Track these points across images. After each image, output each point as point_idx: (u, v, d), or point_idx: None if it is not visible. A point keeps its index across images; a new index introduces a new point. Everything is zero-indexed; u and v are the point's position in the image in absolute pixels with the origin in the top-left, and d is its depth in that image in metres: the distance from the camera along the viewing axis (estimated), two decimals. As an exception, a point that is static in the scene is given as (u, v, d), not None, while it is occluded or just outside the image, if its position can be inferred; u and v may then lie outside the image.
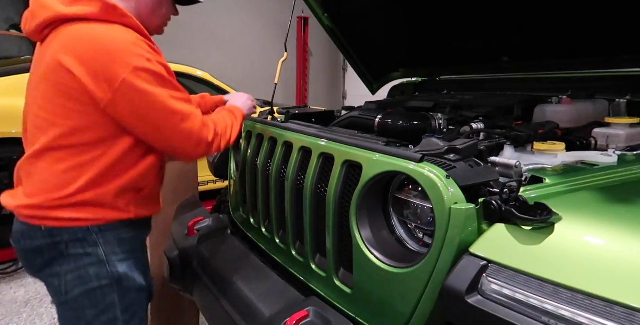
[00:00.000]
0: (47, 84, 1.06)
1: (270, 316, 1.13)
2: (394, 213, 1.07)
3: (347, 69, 7.84)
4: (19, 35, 4.83)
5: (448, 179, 0.84)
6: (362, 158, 1.03)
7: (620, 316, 0.59)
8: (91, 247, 1.11)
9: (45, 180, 1.09)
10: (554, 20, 1.70)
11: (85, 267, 1.11)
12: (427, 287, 0.86)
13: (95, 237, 1.12)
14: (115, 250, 1.14)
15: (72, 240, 1.10)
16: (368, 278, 1.01)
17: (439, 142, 1.00)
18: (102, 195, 1.11)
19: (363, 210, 1.04)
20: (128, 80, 1.01)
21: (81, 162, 1.08)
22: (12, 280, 2.82)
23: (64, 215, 1.08)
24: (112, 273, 1.13)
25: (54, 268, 1.12)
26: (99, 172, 1.09)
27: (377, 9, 2.19)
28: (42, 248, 1.11)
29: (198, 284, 1.50)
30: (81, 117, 1.05)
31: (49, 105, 1.07)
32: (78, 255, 1.11)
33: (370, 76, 2.55)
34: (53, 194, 1.08)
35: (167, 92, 1.08)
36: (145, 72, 1.03)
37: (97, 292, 1.13)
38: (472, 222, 0.81)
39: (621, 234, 0.70)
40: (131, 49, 1.03)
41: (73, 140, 1.07)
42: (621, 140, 1.26)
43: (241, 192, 1.69)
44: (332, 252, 1.13)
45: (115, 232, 1.15)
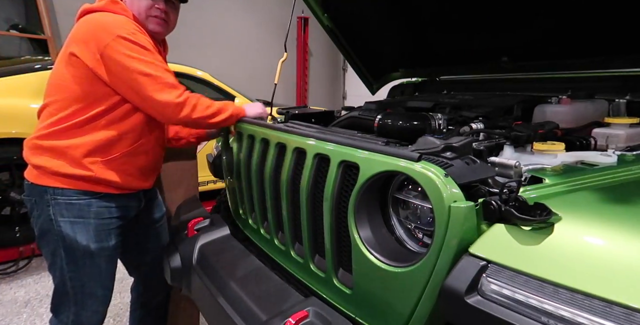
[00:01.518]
0: (60, 58, 1.40)
1: (270, 316, 1.13)
2: (394, 213, 1.07)
3: (347, 69, 7.84)
4: (19, 35, 4.83)
5: (446, 177, 0.83)
6: (358, 158, 1.02)
7: (620, 316, 0.59)
8: (46, 206, 1.40)
9: (38, 128, 1.41)
10: (553, 21, 1.70)
11: (42, 222, 1.42)
12: (427, 287, 0.85)
13: (49, 198, 1.39)
14: (62, 212, 1.40)
15: (37, 197, 1.41)
16: (367, 278, 1.01)
17: (435, 140, 1.00)
18: (70, 146, 1.36)
19: (361, 211, 1.03)
20: (111, 45, 1.29)
21: (63, 115, 1.36)
22: (12, 280, 2.82)
23: (35, 161, 1.38)
24: (58, 231, 1.41)
25: (32, 217, 1.46)
26: (72, 125, 1.36)
27: (377, 9, 2.19)
28: (26, 198, 1.46)
29: (198, 284, 1.50)
30: (73, 78, 1.35)
31: (56, 72, 1.40)
32: (40, 210, 1.41)
33: (370, 76, 2.55)
34: (36, 135, 1.39)
35: (145, 59, 1.32)
36: (127, 40, 1.30)
37: (51, 243, 1.43)
38: (471, 220, 0.81)
39: (621, 234, 0.69)
40: (119, 24, 1.32)
41: (62, 95, 1.37)
42: (621, 140, 1.26)
43: (238, 193, 1.68)
44: (330, 253, 1.13)
45: (67, 197, 1.39)
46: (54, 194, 1.39)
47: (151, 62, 1.34)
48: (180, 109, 1.37)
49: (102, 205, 1.45)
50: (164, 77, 1.35)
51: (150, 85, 1.33)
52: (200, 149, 2.51)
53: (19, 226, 2.98)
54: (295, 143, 1.26)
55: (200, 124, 1.45)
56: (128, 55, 1.30)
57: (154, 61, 1.35)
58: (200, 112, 1.41)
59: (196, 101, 1.40)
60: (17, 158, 2.85)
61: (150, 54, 1.35)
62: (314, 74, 7.67)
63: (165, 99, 1.35)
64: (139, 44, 1.32)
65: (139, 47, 1.32)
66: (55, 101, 1.39)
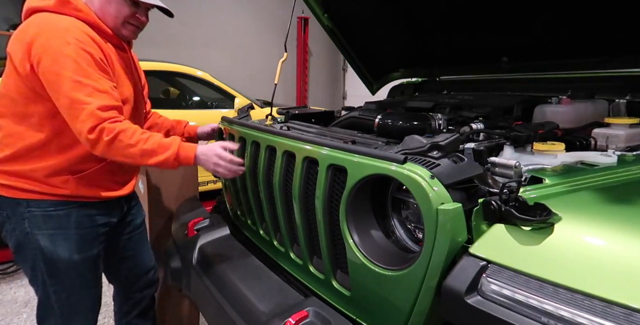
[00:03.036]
0: (7, 63, 1.26)
1: (270, 316, 1.13)
2: (394, 214, 1.07)
3: (347, 69, 7.83)
4: (19, 35, 4.83)
5: (432, 179, 0.83)
6: (345, 161, 1.01)
7: (620, 316, 0.59)
8: (20, 219, 1.29)
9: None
10: (553, 21, 1.70)
11: (17, 236, 1.32)
12: (422, 288, 0.86)
13: (23, 211, 1.29)
14: (39, 225, 1.30)
15: (8, 210, 1.30)
16: (364, 281, 1.01)
17: (422, 139, 0.99)
18: (31, 170, 1.27)
19: (353, 215, 1.02)
20: (43, 58, 1.16)
21: (14, 132, 1.26)
22: (12, 280, 2.82)
23: (3, 182, 1.27)
24: (35, 245, 1.31)
25: (3, 231, 1.35)
26: (28, 146, 1.26)
27: (377, 9, 2.19)
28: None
29: (198, 284, 1.50)
30: (17, 90, 1.23)
31: (4, 77, 1.26)
32: (14, 223, 1.31)
33: (370, 76, 2.55)
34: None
35: (73, 77, 1.17)
36: (61, 55, 1.16)
37: (28, 258, 1.34)
38: (460, 221, 0.81)
39: (621, 235, 0.69)
40: (58, 33, 1.18)
41: (11, 110, 1.25)
42: (621, 141, 1.26)
43: (234, 195, 1.68)
44: (327, 256, 1.13)
45: (42, 209, 1.29)
46: (29, 205, 1.28)
47: (80, 82, 1.17)
48: (93, 144, 1.19)
49: (83, 214, 1.35)
50: (92, 104, 1.17)
51: (75, 107, 1.17)
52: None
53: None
54: (284, 146, 1.24)
55: (128, 161, 1.25)
56: (58, 73, 1.16)
57: (85, 80, 1.18)
58: (122, 150, 1.20)
59: (116, 135, 1.18)
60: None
61: (83, 70, 1.19)
62: (314, 74, 7.67)
63: (78, 128, 1.18)
64: (72, 59, 1.17)
65: (72, 62, 1.17)
66: (3, 115, 1.27)
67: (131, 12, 1.33)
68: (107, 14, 1.31)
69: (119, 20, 1.32)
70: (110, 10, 1.30)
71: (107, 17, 1.31)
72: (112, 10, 1.30)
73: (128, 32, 1.37)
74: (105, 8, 1.30)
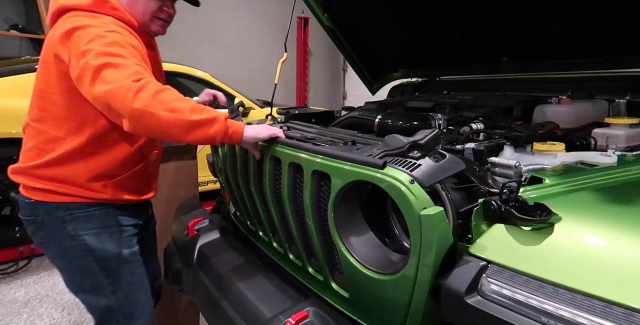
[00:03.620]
0: (42, 64, 1.22)
1: (270, 316, 1.13)
2: (393, 213, 1.07)
3: (347, 69, 7.84)
4: (19, 35, 4.83)
5: (412, 183, 0.82)
6: (328, 167, 0.99)
7: (620, 316, 0.59)
8: (61, 223, 1.25)
9: (29, 148, 1.27)
10: (553, 21, 1.70)
11: (60, 240, 1.27)
12: (414, 290, 0.86)
13: (64, 214, 1.24)
14: (84, 225, 1.27)
15: (46, 215, 1.25)
16: (359, 284, 1.01)
17: (402, 138, 0.97)
18: (72, 175, 1.23)
19: (342, 220, 1.01)
20: (79, 30, 1.11)
21: (54, 137, 1.22)
22: (12, 280, 2.82)
23: (39, 185, 1.23)
24: (83, 245, 1.27)
25: (38, 238, 1.30)
26: (68, 151, 1.22)
27: (377, 9, 2.19)
28: (27, 219, 1.28)
29: (198, 284, 1.50)
30: (61, 90, 1.18)
31: (41, 78, 1.22)
32: (52, 229, 1.26)
33: (370, 76, 2.55)
34: (31, 161, 1.25)
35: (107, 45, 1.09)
36: (101, 36, 1.10)
37: (77, 261, 1.29)
38: (443, 223, 0.81)
39: (621, 235, 0.69)
40: (99, 27, 1.13)
41: (52, 113, 1.21)
42: (621, 141, 1.26)
43: (231, 196, 1.68)
44: (323, 259, 1.12)
45: (84, 210, 1.27)
46: (69, 208, 1.25)
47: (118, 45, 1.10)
48: (137, 91, 1.01)
49: (119, 213, 1.35)
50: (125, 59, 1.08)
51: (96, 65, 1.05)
52: (200, 149, 2.51)
53: (19, 226, 2.97)
54: (271, 151, 1.23)
55: (164, 128, 1.04)
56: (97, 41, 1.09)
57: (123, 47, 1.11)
58: (170, 102, 1.03)
59: (164, 88, 1.05)
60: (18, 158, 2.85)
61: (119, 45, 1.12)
62: (314, 74, 7.67)
63: (119, 76, 1.04)
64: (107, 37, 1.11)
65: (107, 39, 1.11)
66: (42, 119, 1.23)
67: (158, 6, 1.30)
68: (135, 11, 1.28)
69: (147, 16, 1.29)
70: (138, 6, 1.27)
71: (136, 14, 1.28)
72: (139, 6, 1.27)
73: (157, 27, 1.34)
74: (132, 5, 1.27)
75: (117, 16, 1.23)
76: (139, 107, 1.00)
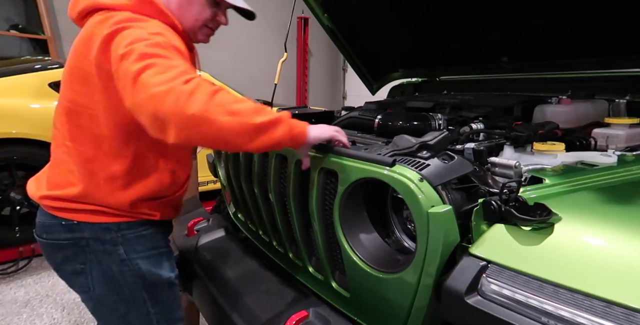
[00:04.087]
0: (75, 73, 1.05)
1: (270, 316, 1.13)
2: (394, 213, 1.07)
3: (347, 69, 7.83)
4: (19, 35, 4.83)
5: (422, 181, 0.83)
6: (336, 165, 1.00)
7: (620, 316, 0.59)
8: (112, 245, 1.10)
9: (64, 171, 1.09)
10: (553, 21, 1.70)
11: (108, 265, 1.11)
12: (418, 289, 0.86)
13: (115, 235, 1.10)
14: (136, 248, 1.13)
15: (92, 237, 1.09)
16: (361, 283, 1.01)
17: (411, 138, 0.98)
18: (117, 201, 1.09)
19: (347, 219, 1.01)
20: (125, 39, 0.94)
21: (91, 158, 1.07)
22: (12, 280, 2.82)
23: (81, 207, 1.07)
24: (135, 270, 1.13)
25: (75, 264, 1.12)
26: (110, 175, 1.07)
27: (377, 9, 2.19)
28: (63, 243, 1.10)
29: (198, 284, 1.50)
30: (105, 110, 1.03)
31: (77, 90, 1.04)
32: (99, 252, 1.10)
33: (370, 76, 2.55)
34: (77, 186, 1.07)
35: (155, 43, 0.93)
36: (145, 35, 0.94)
37: (125, 289, 1.13)
38: (451, 222, 0.81)
39: (621, 234, 0.69)
40: (144, 28, 0.98)
41: (89, 131, 1.06)
42: (621, 141, 1.26)
43: (233, 196, 1.68)
44: (325, 259, 1.12)
45: (134, 230, 1.13)
46: (120, 229, 1.11)
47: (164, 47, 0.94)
48: (190, 94, 0.84)
49: (163, 231, 1.25)
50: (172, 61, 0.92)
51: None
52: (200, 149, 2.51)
53: (19, 226, 2.97)
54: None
55: (225, 136, 0.87)
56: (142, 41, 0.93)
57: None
58: (228, 104, 0.87)
59: (219, 89, 0.89)
60: (17, 158, 2.85)
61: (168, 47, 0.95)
62: (314, 74, 7.66)
63: (166, 77, 0.86)
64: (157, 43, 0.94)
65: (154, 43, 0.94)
66: (78, 138, 1.07)
67: (212, 14, 1.18)
68: (186, 17, 1.14)
69: (198, 23, 1.16)
70: (191, 12, 1.14)
71: (186, 21, 1.15)
72: (193, 12, 1.14)
73: (203, 36, 1.22)
74: (184, 10, 1.13)
75: (163, 19, 1.07)
76: (196, 112, 0.83)
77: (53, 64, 3.19)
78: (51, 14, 4.78)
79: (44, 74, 3.04)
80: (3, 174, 2.92)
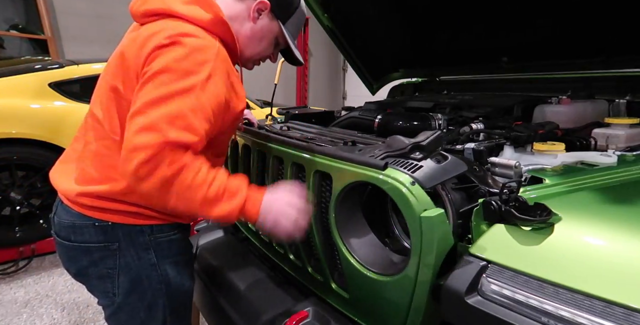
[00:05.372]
0: (123, 68, 0.99)
1: (270, 317, 1.13)
2: (393, 213, 1.07)
3: (347, 69, 7.84)
4: (19, 35, 4.83)
5: (414, 185, 0.82)
6: (330, 168, 1.00)
7: (620, 317, 0.59)
8: (143, 249, 1.08)
9: (113, 166, 1.01)
10: (553, 21, 1.70)
11: (137, 270, 1.08)
12: (415, 292, 0.86)
13: (148, 239, 1.08)
14: (165, 253, 1.11)
15: (125, 240, 1.06)
16: (359, 285, 1.01)
17: (404, 139, 0.97)
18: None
19: (343, 221, 1.01)
20: (165, 48, 0.92)
21: None
22: (12, 280, 2.82)
23: (120, 208, 1.03)
24: (162, 277, 1.11)
25: (101, 268, 1.07)
26: None
27: (377, 9, 2.19)
28: (92, 246, 1.05)
29: (198, 284, 1.50)
30: None
31: (125, 84, 0.99)
32: (130, 256, 1.07)
33: (370, 76, 2.55)
34: (120, 182, 1.00)
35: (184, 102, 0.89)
36: (187, 73, 0.91)
37: (149, 295, 1.10)
38: (443, 225, 0.81)
39: (621, 235, 0.69)
40: (200, 59, 0.93)
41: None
42: (621, 141, 1.26)
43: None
44: (324, 260, 1.12)
45: (166, 234, 1.11)
46: (153, 232, 1.08)
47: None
48: (135, 177, 0.87)
49: (187, 236, 1.22)
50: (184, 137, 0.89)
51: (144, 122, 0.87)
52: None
53: (19, 226, 2.98)
54: (274, 151, 1.24)
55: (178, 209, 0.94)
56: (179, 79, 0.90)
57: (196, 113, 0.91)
58: (181, 192, 0.90)
59: (180, 169, 0.88)
60: (17, 158, 2.85)
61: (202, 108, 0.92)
62: (314, 74, 7.67)
63: (133, 143, 0.86)
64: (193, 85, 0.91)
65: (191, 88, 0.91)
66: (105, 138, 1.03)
67: (270, 53, 1.20)
68: (250, 49, 1.14)
69: (257, 57, 1.18)
70: (258, 48, 1.15)
71: (249, 52, 1.15)
72: (259, 48, 1.15)
73: (251, 65, 1.23)
74: (253, 43, 1.13)
75: (227, 40, 1.05)
76: (142, 191, 0.89)
77: (53, 64, 3.19)
78: (51, 14, 4.78)
79: (44, 74, 3.04)
80: (3, 174, 2.92)
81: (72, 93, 3.08)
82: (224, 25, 1.03)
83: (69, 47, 4.94)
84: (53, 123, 2.91)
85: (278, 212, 1.00)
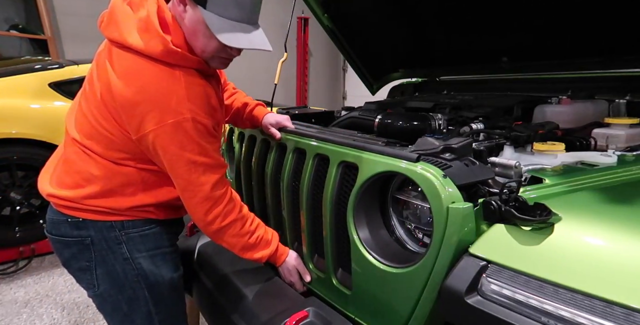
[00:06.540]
0: (101, 94, 1.07)
1: (270, 316, 1.13)
2: (394, 213, 1.07)
3: (347, 69, 7.83)
4: (19, 35, 4.83)
5: (445, 178, 0.84)
6: (358, 158, 1.02)
7: (620, 316, 0.59)
8: (115, 244, 1.13)
9: (81, 171, 1.11)
10: (553, 21, 1.70)
11: (111, 263, 1.14)
12: (426, 287, 0.86)
13: (118, 234, 1.13)
14: (138, 247, 1.16)
15: (97, 235, 1.12)
16: (366, 279, 1.01)
17: (435, 141, 1.00)
18: (128, 202, 1.13)
19: (360, 211, 1.03)
20: (154, 132, 1.02)
21: (111, 171, 1.11)
22: (12, 280, 2.82)
23: (90, 203, 1.10)
24: (137, 270, 1.15)
25: (81, 261, 1.15)
26: (121, 184, 1.11)
27: (377, 9, 2.19)
28: (69, 240, 1.13)
29: (198, 284, 1.50)
30: (121, 133, 1.07)
31: (98, 109, 1.08)
32: (103, 250, 1.13)
33: (370, 76, 2.55)
34: (85, 188, 1.10)
35: (190, 157, 1.05)
36: (178, 134, 1.02)
37: (127, 288, 1.16)
38: (470, 221, 0.81)
39: (621, 235, 0.69)
40: (172, 106, 1.01)
41: (111, 148, 1.10)
42: (621, 141, 1.26)
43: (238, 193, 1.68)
44: (330, 254, 1.13)
45: (139, 229, 1.16)
46: (124, 227, 1.13)
47: (197, 158, 1.07)
48: (206, 226, 1.14)
49: (170, 231, 1.26)
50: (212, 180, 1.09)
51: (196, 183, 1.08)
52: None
53: (19, 226, 2.98)
54: (295, 143, 1.26)
55: (225, 246, 1.20)
56: (171, 150, 1.04)
57: (200, 157, 1.07)
58: (229, 237, 1.17)
59: (230, 223, 1.14)
60: (17, 158, 2.85)
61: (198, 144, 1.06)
62: (314, 74, 7.66)
63: (193, 209, 1.12)
64: (189, 134, 1.04)
65: (188, 137, 1.04)
66: (93, 138, 1.10)
67: (218, 46, 1.07)
68: (195, 47, 1.09)
69: (205, 54, 1.10)
70: (197, 44, 1.08)
71: (196, 50, 1.10)
72: (198, 44, 1.08)
73: (216, 64, 1.15)
74: (192, 39, 1.08)
75: (188, 65, 1.07)
76: (208, 233, 1.18)
77: (53, 64, 3.19)
78: (51, 14, 4.78)
79: (44, 74, 3.04)
80: (3, 174, 2.92)
81: (72, 93, 3.08)
82: (177, 54, 1.03)
83: (69, 47, 4.94)
84: (53, 123, 2.91)
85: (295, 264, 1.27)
